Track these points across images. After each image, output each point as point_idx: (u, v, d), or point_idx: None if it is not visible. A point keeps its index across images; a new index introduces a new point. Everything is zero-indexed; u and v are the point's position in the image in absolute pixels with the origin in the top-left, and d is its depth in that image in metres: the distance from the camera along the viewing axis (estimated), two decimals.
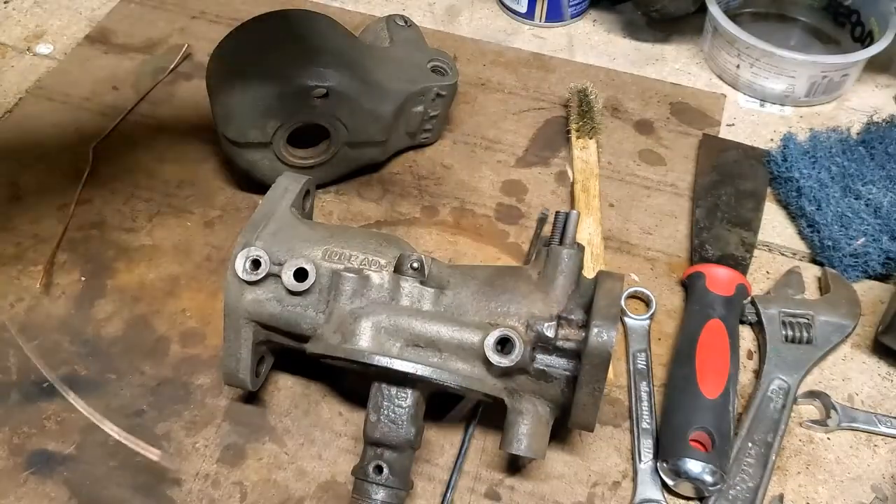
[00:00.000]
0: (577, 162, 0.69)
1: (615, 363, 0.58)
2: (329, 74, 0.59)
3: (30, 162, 0.70)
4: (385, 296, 0.48)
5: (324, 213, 0.67)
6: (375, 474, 0.47)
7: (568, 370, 0.47)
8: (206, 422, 0.54)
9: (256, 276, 0.49)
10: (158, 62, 0.79)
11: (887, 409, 0.56)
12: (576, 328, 0.46)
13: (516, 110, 0.76)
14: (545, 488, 0.52)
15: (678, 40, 0.85)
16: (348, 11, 0.86)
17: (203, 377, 0.57)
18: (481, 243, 0.65)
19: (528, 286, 0.49)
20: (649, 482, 0.52)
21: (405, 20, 0.71)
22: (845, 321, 0.59)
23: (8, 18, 0.85)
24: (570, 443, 0.54)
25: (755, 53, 0.74)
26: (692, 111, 0.77)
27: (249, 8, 0.85)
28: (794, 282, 0.62)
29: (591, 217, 0.65)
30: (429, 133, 0.71)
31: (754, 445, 0.53)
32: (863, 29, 0.80)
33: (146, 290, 0.61)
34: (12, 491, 0.51)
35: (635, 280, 0.63)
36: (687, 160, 0.72)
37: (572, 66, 0.81)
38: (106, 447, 0.53)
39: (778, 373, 0.56)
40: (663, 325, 0.60)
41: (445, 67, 0.68)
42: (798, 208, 0.67)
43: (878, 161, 0.67)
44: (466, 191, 0.69)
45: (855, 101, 0.78)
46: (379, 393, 0.48)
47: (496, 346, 0.46)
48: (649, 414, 0.55)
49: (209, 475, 0.52)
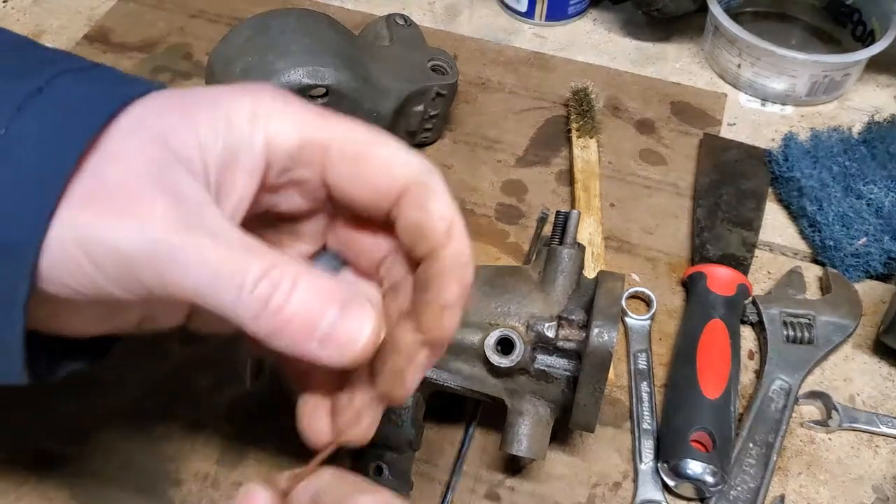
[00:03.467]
0: (578, 161, 0.69)
1: (616, 363, 0.58)
2: (329, 74, 0.59)
3: None
4: None
5: None
6: (375, 475, 0.47)
7: (568, 370, 0.47)
8: (207, 422, 0.54)
9: None
10: (157, 61, 0.79)
11: (889, 409, 0.56)
12: (576, 328, 0.46)
13: (516, 110, 0.76)
14: (545, 489, 0.52)
15: (679, 39, 0.85)
16: (348, 11, 0.86)
17: (203, 377, 0.56)
18: (481, 243, 0.65)
19: (528, 286, 0.49)
20: (650, 483, 0.52)
21: (405, 19, 0.71)
22: (847, 321, 0.58)
23: (7, 17, 0.85)
24: (571, 443, 0.54)
25: (756, 53, 0.74)
26: (693, 110, 0.76)
27: (249, 7, 0.85)
28: (795, 282, 0.61)
29: (592, 217, 0.65)
30: (429, 132, 0.71)
31: (755, 446, 0.53)
32: (864, 28, 0.79)
33: None
34: (12, 491, 0.51)
35: (636, 280, 0.63)
36: (688, 160, 0.72)
37: (572, 66, 0.80)
38: (106, 447, 0.53)
39: (779, 373, 0.56)
40: (664, 325, 0.60)
41: (445, 67, 0.68)
42: (799, 208, 0.66)
43: (879, 161, 0.67)
44: (466, 190, 0.69)
45: (856, 101, 0.78)
46: None
47: (496, 346, 0.46)
48: (650, 414, 0.55)
49: (209, 475, 0.52)
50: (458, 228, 0.33)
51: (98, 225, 0.28)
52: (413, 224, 0.32)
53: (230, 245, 0.29)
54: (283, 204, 0.34)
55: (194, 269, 0.28)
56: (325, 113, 0.33)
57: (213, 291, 0.28)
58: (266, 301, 0.29)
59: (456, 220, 0.33)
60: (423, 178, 0.33)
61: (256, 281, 0.28)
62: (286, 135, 0.32)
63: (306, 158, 0.32)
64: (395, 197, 0.33)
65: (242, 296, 0.28)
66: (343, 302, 0.30)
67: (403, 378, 0.33)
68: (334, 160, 0.32)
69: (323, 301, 0.30)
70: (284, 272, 0.29)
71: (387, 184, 0.32)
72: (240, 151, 0.31)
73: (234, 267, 0.28)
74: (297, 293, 0.29)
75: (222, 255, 0.28)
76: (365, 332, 0.30)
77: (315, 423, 0.36)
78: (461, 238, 0.33)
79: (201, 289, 0.28)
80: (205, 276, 0.28)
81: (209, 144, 0.30)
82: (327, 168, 0.32)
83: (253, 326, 0.29)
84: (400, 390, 0.33)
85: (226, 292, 0.28)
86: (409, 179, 0.32)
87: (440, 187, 0.33)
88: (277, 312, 0.29)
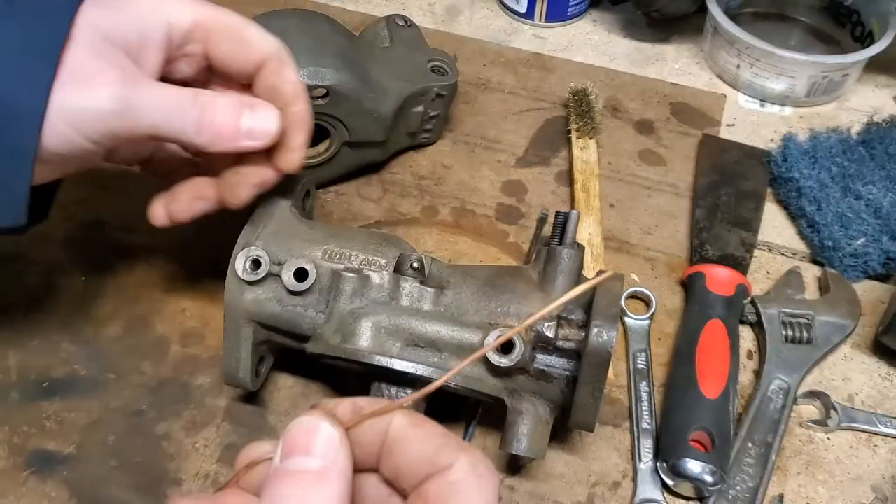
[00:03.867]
0: (578, 162, 0.69)
1: (615, 363, 0.58)
2: (329, 74, 0.59)
3: None
4: (385, 296, 0.48)
5: (324, 213, 0.67)
6: None
7: (568, 370, 0.47)
8: (206, 422, 0.54)
9: (256, 275, 0.49)
10: None
11: (887, 409, 0.56)
12: (576, 328, 0.46)
13: (516, 110, 0.76)
14: (545, 488, 0.52)
15: (678, 40, 0.85)
16: (348, 11, 0.86)
17: (203, 377, 0.57)
18: (481, 243, 0.65)
19: (528, 286, 0.49)
20: (649, 482, 0.52)
21: (405, 20, 0.71)
22: (845, 321, 0.59)
23: None
24: (570, 443, 0.54)
25: (755, 53, 0.74)
26: (692, 111, 0.77)
27: (249, 7, 0.85)
28: (794, 282, 0.62)
29: (591, 217, 0.65)
30: (429, 133, 0.71)
31: (754, 445, 0.53)
32: (863, 29, 0.80)
33: (146, 290, 0.61)
34: (12, 491, 0.51)
35: (635, 280, 0.63)
36: (687, 160, 0.72)
37: (572, 66, 0.81)
38: (106, 447, 0.53)
39: (778, 373, 0.56)
40: (663, 325, 0.60)
41: (445, 67, 0.68)
42: (798, 208, 0.67)
43: (878, 161, 0.67)
44: (466, 191, 0.69)
45: (855, 102, 0.78)
46: (379, 393, 0.48)
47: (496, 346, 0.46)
48: (649, 414, 0.55)
49: (209, 475, 0.52)
50: (303, 92, 0.46)
51: (75, 97, 0.39)
52: (270, 86, 0.46)
53: (166, 91, 0.42)
54: (177, 73, 0.46)
55: (150, 111, 0.41)
56: (209, 3, 0.45)
57: (166, 123, 0.42)
58: (200, 116, 0.43)
59: (300, 86, 0.46)
60: (279, 55, 0.46)
61: (192, 107, 0.42)
62: (182, 20, 0.44)
63: (196, 37, 0.44)
64: (258, 66, 0.45)
65: (185, 116, 0.42)
66: (251, 105, 0.44)
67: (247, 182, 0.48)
68: (216, 38, 0.45)
69: (237, 109, 0.44)
70: (207, 98, 0.43)
71: (255, 55, 0.45)
72: (150, 35, 0.43)
73: (175, 102, 0.42)
74: (220, 108, 0.43)
75: (168, 96, 0.42)
76: (273, 122, 0.45)
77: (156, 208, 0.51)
78: (305, 99, 0.47)
79: (158, 122, 0.42)
80: (159, 113, 0.42)
81: (130, 33, 0.42)
82: (211, 44, 0.45)
83: (197, 139, 0.43)
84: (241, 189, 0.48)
85: (177, 120, 0.42)
86: (269, 54, 0.45)
87: (290, 62, 0.46)
88: (212, 123, 0.43)
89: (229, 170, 0.48)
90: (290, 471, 0.27)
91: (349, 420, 0.30)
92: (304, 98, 0.47)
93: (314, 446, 0.28)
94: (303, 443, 0.28)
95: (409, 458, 0.29)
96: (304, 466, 0.27)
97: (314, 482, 0.27)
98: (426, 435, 0.29)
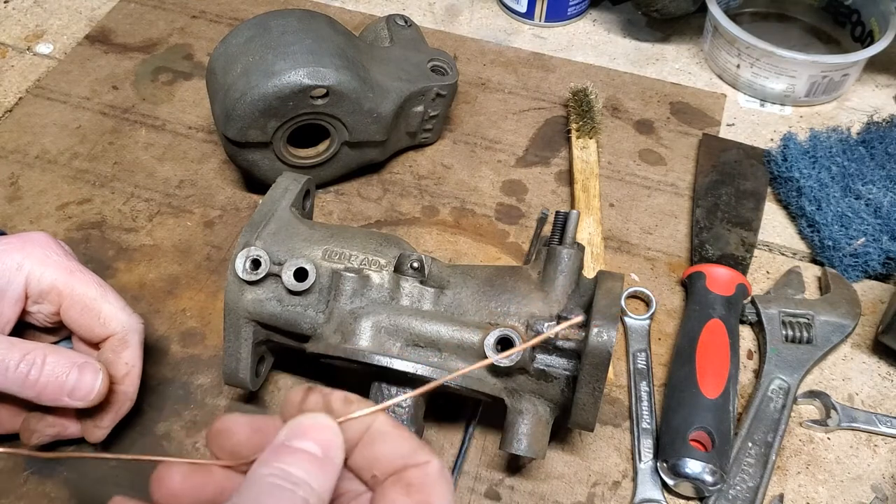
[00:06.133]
0: (577, 162, 0.69)
1: (615, 363, 0.58)
2: (329, 74, 0.59)
3: (30, 162, 0.70)
4: (385, 296, 0.48)
5: (324, 213, 0.67)
6: None
7: (568, 370, 0.47)
8: (206, 422, 0.54)
9: (256, 275, 0.49)
10: (158, 62, 0.79)
11: (887, 408, 0.56)
12: (576, 328, 0.46)
13: (516, 110, 0.76)
14: (545, 488, 0.52)
15: (678, 40, 0.85)
16: (348, 11, 0.86)
17: (203, 377, 0.57)
18: (481, 243, 0.65)
19: (528, 286, 0.49)
20: (649, 482, 0.52)
21: (405, 20, 0.71)
22: (845, 321, 0.59)
23: (8, 18, 0.85)
24: (570, 442, 0.54)
25: (755, 53, 0.75)
26: (692, 111, 0.77)
27: (249, 7, 0.85)
28: (794, 282, 0.62)
29: (591, 217, 0.65)
30: (429, 133, 0.71)
31: (754, 445, 0.53)
32: (863, 29, 0.80)
33: (146, 289, 0.61)
34: (12, 491, 0.51)
35: (635, 280, 0.63)
36: (687, 160, 0.72)
37: (572, 66, 0.81)
38: (106, 447, 0.53)
39: (778, 373, 0.56)
40: (663, 325, 0.60)
41: (445, 67, 0.68)
42: (798, 208, 0.67)
43: (878, 161, 0.67)
44: (466, 191, 0.69)
45: (855, 101, 0.78)
46: (379, 393, 0.48)
47: (496, 345, 0.46)
48: (649, 414, 0.55)
49: None
50: (135, 376, 0.50)
51: None
52: (107, 360, 0.49)
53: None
54: (36, 320, 0.50)
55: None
56: (74, 268, 0.49)
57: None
58: (26, 375, 0.45)
59: (135, 370, 0.50)
60: (124, 335, 0.49)
61: (17, 363, 0.45)
62: (40, 281, 0.48)
63: (51, 298, 0.48)
64: (102, 339, 0.49)
65: (9, 375, 0.45)
66: (80, 366, 0.46)
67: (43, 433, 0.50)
68: (67, 304, 0.49)
69: (64, 367, 0.46)
70: (36, 354, 0.46)
71: (98, 329, 0.49)
72: (7, 289, 0.47)
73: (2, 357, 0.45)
74: (46, 366, 0.46)
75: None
76: (98, 383, 0.47)
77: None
78: (133, 382, 0.50)
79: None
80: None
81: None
82: (62, 308, 0.49)
83: (21, 393, 0.46)
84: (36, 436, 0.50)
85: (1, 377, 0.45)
86: (113, 332, 0.49)
87: (135, 343, 0.50)
88: (35, 382, 0.45)
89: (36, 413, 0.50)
90: (295, 448, 0.31)
91: (342, 413, 0.33)
92: (132, 381, 0.50)
93: (320, 438, 0.32)
94: (310, 431, 0.32)
95: (388, 450, 0.32)
96: (309, 448, 0.31)
97: (315, 464, 0.31)
98: (407, 436, 0.33)
